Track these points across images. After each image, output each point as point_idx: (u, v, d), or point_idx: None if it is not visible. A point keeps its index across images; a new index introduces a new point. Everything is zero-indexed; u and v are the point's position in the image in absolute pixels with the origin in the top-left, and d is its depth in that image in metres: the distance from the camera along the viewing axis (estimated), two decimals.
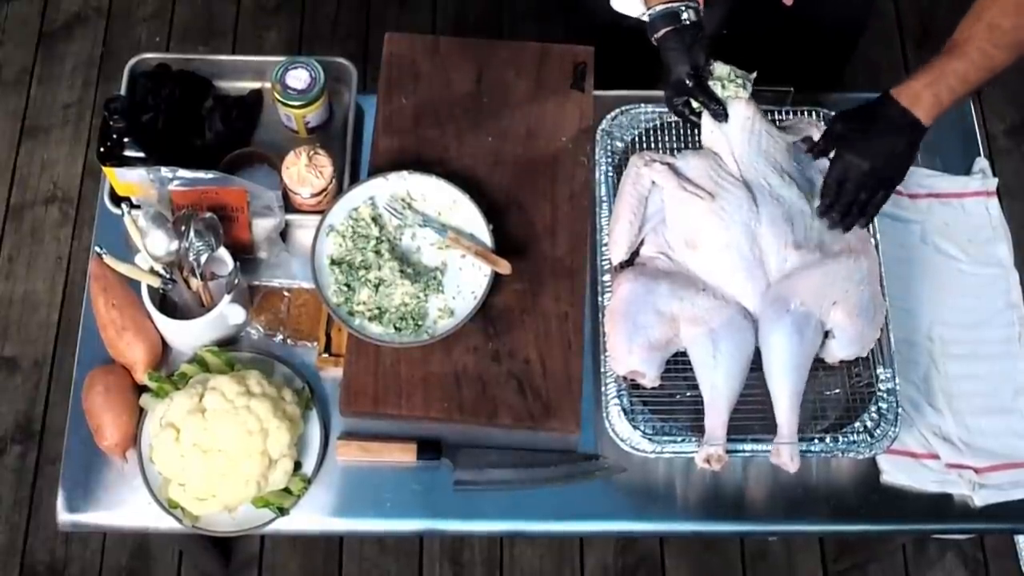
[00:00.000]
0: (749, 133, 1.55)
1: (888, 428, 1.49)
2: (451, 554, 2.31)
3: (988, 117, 2.75)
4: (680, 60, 1.51)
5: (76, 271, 2.58)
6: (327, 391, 1.57)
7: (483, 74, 1.73)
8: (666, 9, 1.49)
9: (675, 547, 2.33)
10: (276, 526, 1.49)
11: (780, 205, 1.53)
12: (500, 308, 1.56)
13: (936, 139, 1.78)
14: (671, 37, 1.50)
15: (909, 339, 1.61)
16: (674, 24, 1.49)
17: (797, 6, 1.61)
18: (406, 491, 1.52)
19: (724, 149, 1.57)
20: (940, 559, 2.33)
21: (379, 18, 2.92)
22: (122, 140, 1.55)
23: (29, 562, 2.30)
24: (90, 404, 1.51)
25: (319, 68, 1.66)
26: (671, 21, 1.49)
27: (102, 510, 1.51)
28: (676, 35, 1.50)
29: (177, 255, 1.50)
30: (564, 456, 1.53)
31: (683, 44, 1.50)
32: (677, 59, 1.51)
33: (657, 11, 1.50)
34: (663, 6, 1.50)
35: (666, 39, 1.51)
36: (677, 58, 1.51)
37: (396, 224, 1.61)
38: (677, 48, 1.50)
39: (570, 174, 1.67)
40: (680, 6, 1.49)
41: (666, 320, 1.48)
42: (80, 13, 2.92)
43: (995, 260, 1.69)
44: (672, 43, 1.50)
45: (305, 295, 1.61)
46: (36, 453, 2.40)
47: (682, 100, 1.55)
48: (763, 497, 1.53)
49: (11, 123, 2.76)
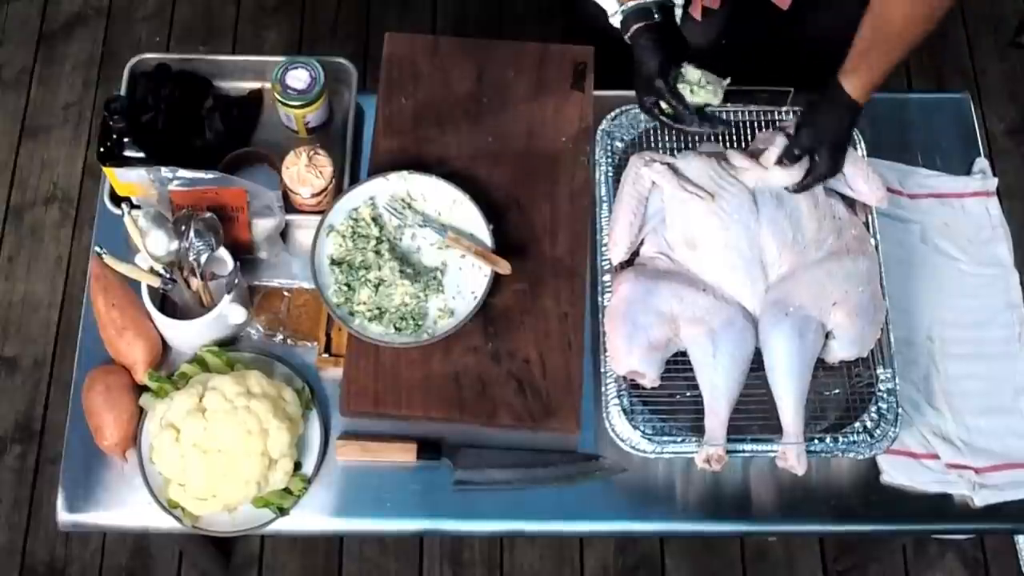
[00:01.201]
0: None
1: (888, 428, 1.49)
2: (451, 554, 2.31)
3: (988, 117, 2.75)
4: (650, 58, 1.50)
5: (76, 271, 2.57)
6: (327, 391, 1.57)
7: (483, 74, 1.73)
8: (637, 6, 1.50)
9: (675, 547, 2.33)
10: (276, 526, 1.49)
11: (780, 206, 1.53)
12: (500, 308, 1.56)
13: (936, 139, 1.80)
14: (642, 34, 1.50)
15: (909, 339, 1.61)
16: (645, 20, 1.50)
17: (793, 11, 1.61)
18: (406, 491, 1.52)
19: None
20: (940, 559, 2.33)
21: (379, 18, 2.92)
22: (122, 140, 1.55)
23: (29, 562, 2.30)
24: (90, 404, 1.51)
25: (319, 68, 1.66)
26: (642, 17, 1.50)
27: (102, 510, 1.51)
28: (647, 32, 1.50)
29: (177, 255, 1.49)
30: (564, 456, 1.53)
31: (653, 42, 1.50)
32: (647, 57, 1.51)
33: (629, 7, 1.51)
34: (634, 3, 1.50)
35: (637, 35, 1.51)
36: (647, 56, 1.51)
37: (396, 224, 1.61)
38: (647, 46, 1.50)
39: (570, 174, 1.67)
40: (651, 3, 1.49)
41: (666, 320, 1.48)
42: (80, 13, 2.91)
43: (995, 260, 1.69)
44: (643, 40, 1.50)
45: (305, 295, 1.62)
46: (36, 453, 2.40)
47: (651, 99, 1.54)
48: (763, 497, 1.53)
49: (11, 123, 2.76)
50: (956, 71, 2.84)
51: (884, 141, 1.75)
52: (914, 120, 1.80)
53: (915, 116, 1.80)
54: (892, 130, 1.77)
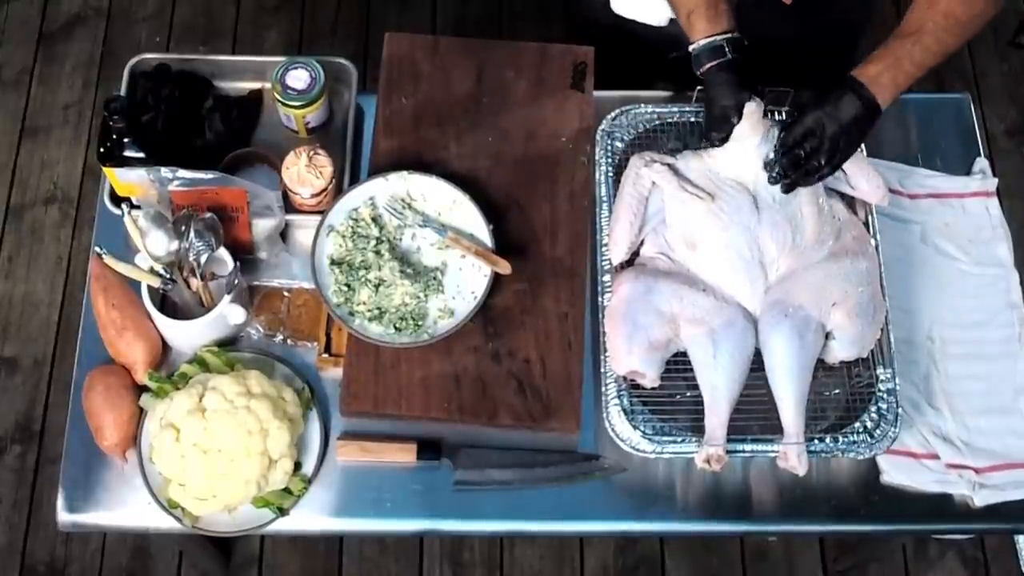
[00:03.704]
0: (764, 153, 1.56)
1: (888, 428, 1.49)
2: (451, 554, 2.31)
3: (988, 117, 2.75)
4: (724, 96, 1.50)
5: (76, 271, 2.58)
6: (327, 391, 1.57)
7: (483, 74, 1.73)
8: (711, 43, 1.48)
9: (675, 547, 2.33)
10: (276, 526, 1.49)
11: (780, 206, 1.53)
12: (500, 308, 1.56)
13: (936, 139, 1.80)
14: (716, 72, 1.49)
15: (909, 339, 1.61)
16: (719, 58, 1.49)
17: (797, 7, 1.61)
18: (406, 491, 1.52)
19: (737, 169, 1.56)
20: (940, 559, 2.33)
21: (379, 18, 2.92)
22: (122, 140, 1.55)
23: (29, 562, 2.30)
24: (90, 404, 1.51)
25: (319, 68, 1.66)
26: (716, 55, 1.49)
27: (102, 510, 1.51)
28: (720, 71, 1.49)
29: (177, 255, 1.50)
30: (564, 456, 1.53)
31: (727, 80, 1.49)
32: (722, 94, 1.50)
33: (702, 45, 1.49)
34: (707, 40, 1.49)
35: (710, 73, 1.50)
36: (722, 93, 1.50)
37: (396, 224, 1.61)
38: (721, 84, 1.50)
39: (570, 174, 1.67)
40: (722, 40, 1.48)
41: (666, 320, 1.48)
42: (80, 13, 2.92)
43: (995, 260, 1.69)
44: (716, 78, 1.50)
45: (305, 295, 1.62)
46: (36, 453, 2.40)
47: (722, 135, 1.54)
48: (763, 497, 1.53)
49: (11, 123, 2.76)
50: (956, 71, 2.84)
51: (884, 141, 1.75)
52: (914, 120, 1.80)
53: (915, 116, 1.80)
54: (892, 130, 1.78)
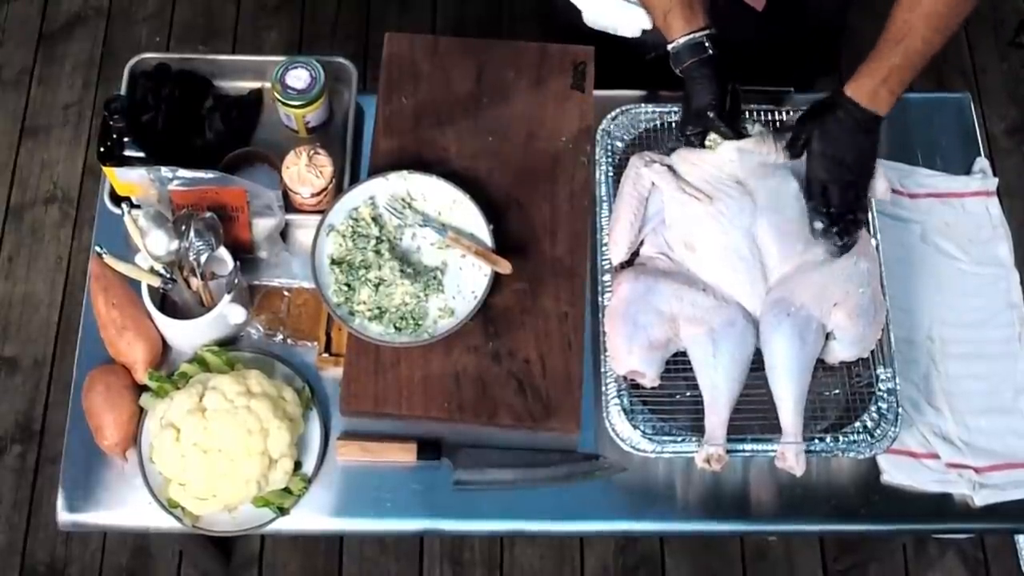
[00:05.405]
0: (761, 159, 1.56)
1: (888, 428, 1.49)
2: (451, 554, 2.31)
3: (988, 117, 2.75)
4: (704, 91, 1.50)
5: (76, 271, 2.58)
6: (327, 391, 1.57)
7: (483, 74, 1.73)
8: (690, 40, 1.49)
9: (675, 547, 2.33)
10: (276, 526, 1.49)
11: (779, 207, 1.53)
12: (500, 308, 1.56)
13: (936, 139, 1.80)
14: (696, 68, 1.50)
15: (909, 339, 1.61)
16: (699, 55, 1.49)
17: (770, 10, 1.61)
18: (406, 491, 1.52)
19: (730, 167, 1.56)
20: (940, 559, 2.33)
21: (379, 18, 2.92)
22: (122, 140, 1.55)
23: (29, 562, 2.30)
24: (90, 404, 1.51)
25: (319, 68, 1.66)
26: (696, 52, 1.49)
27: (102, 510, 1.51)
28: (701, 66, 1.49)
29: (177, 255, 1.50)
30: (564, 456, 1.53)
31: (707, 76, 1.50)
32: (701, 90, 1.51)
33: (681, 43, 1.50)
34: (686, 37, 1.49)
35: (690, 69, 1.50)
36: (701, 89, 1.51)
37: (396, 224, 1.61)
38: (701, 79, 1.50)
39: (570, 174, 1.66)
40: (702, 36, 1.49)
41: (666, 320, 1.48)
42: (80, 13, 2.92)
43: (995, 260, 1.69)
44: (696, 74, 1.50)
45: (305, 295, 1.62)
46: (36, 453, 2.40)
47: (698, 131, 1.55)
48: (763, 497, 1.53)
49: (11, 123, 2.76)
50: (956, 71, 2.84)
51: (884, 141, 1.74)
52: (914, 120, 1.80)
53: (915, 116, 1.80)
54: (892, 130, 1.77)
